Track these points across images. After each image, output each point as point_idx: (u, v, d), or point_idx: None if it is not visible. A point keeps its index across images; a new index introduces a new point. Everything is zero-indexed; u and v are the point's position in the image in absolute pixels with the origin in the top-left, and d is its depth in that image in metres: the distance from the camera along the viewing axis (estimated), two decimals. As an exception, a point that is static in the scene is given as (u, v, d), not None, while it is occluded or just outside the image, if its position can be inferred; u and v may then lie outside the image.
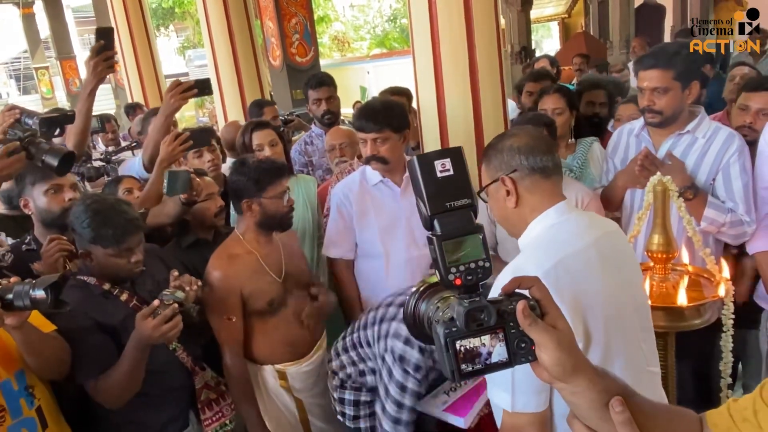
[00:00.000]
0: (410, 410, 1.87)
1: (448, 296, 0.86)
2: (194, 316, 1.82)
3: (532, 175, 1.31)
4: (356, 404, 2.04)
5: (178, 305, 1.68)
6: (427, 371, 1.85)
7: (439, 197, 0.81)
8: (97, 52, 2.14)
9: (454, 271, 0.78)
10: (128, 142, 4.22)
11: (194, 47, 20.60)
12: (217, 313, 2.03)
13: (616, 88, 3.81)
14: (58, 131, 2.18)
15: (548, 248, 1.26)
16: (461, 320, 0.76)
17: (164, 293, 1.72)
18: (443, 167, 0.82)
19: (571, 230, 1.29)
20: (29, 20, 16.00)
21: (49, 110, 2.00)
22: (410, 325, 0.92)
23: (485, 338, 0.76)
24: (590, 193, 2.28)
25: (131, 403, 1.75)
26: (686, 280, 1.90)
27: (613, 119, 3.15)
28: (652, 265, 1.93)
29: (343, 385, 2.05)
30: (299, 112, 4.85)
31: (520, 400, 1.17)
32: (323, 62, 10.11)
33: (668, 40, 8.78)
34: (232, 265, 2.04)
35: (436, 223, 0.81)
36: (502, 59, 2.57)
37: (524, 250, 1.32)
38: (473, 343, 0.76)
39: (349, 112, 7.01)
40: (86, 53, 2.28)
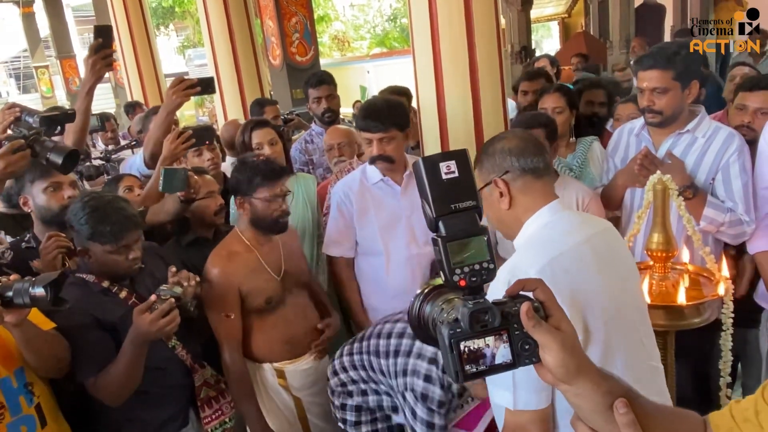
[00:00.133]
0: None
1: (452, 298, 0.86)
2: (192, 311, 1.81)
3: (523, 176, 1.33)
4: (358, 409, 2.03)
5: (175, 300, 1.68)
6: (449, 404, 1.84)
7: (444, 199, 0.82)
8: (95, 50, 2.14)
9: (458, 272, 0.78)
10: (128, 140, 4.21)
11: (194, 46, 20.57)
12: (215, 310, 2.03)
13: (615, 88, 3.81)
14: (58, 129, 2.18)
15: (542, 246, 1.28)
16: (465, 321, 0.76)
17: (161, 288, 1.72)
18: (448, 169, 0.83)
19: (564, 228, 1.31)
20: (29, 19, 15.97)
21: (48, 108, 1.99)
22: (415, 327, 0.92)
23: (489, 339, 0.76)
24: (590, 192, 2.28)
25: (131, 400, 1.74)
26: (686, 278, 1.90)
27: (612, 119, 3.15)
28: (651, 263, 1.93)
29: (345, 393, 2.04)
30: (299, 111, 4.85)
31: (521, 398, 1.17)
32: (323, 61, 10.10)
33: (668, 40, 8.77)
34: (230, 262, 2.05)
35: (441, 224, 0.81)
36: (502, 59, 2.57)
37: (519, 249, 1.34)
38: (477, 344, 0.76)
39: (349, 111, 7.02)
40: (86, 52, 2.27)
